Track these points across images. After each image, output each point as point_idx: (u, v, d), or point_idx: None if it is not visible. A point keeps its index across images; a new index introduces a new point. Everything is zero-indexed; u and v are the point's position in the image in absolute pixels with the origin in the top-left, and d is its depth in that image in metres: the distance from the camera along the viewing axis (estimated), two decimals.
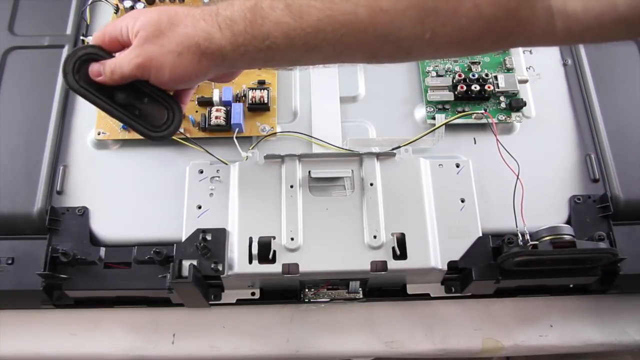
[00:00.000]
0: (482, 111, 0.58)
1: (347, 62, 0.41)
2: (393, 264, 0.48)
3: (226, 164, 0.53)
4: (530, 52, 0.63)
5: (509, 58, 0.61)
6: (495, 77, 0.59)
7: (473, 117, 0.58)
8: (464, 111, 0.58)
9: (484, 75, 0.58)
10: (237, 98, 0.58)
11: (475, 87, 0.58)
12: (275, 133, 0.57)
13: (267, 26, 0.37)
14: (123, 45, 0.42)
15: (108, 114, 0.44)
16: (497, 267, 0.48)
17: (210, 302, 0.52)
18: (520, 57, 0.62)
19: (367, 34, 0.36)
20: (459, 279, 0.52)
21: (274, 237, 0.49)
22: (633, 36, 0.31)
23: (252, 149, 0.56)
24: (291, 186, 0.51)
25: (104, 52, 0.43)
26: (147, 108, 0.44)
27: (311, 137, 0.57)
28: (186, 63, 0.39)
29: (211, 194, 0.52)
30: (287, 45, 0.38)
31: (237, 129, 0.56)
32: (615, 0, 0.28)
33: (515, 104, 0.58)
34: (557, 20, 0.31)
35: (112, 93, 0.43)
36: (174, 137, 0.54)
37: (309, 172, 0.52)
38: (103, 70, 0.42)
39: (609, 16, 0.28)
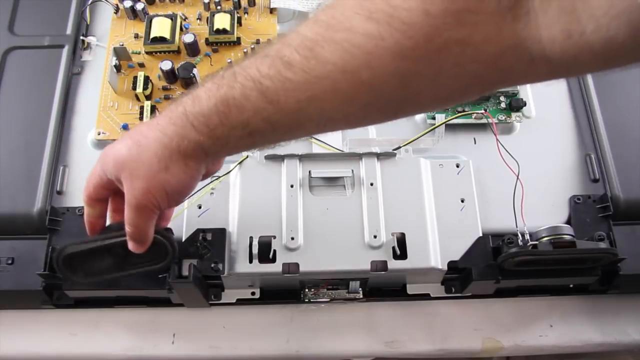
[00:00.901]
0: (482, 111, 0.58)
1: (331, 131, 0.40)
2: (393, 264, 0.48)
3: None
4: None
5: None
6: None
7: (473, 117, 0.58)
8: (464, 111, 0.58)
9: None
10: None
11: None
12: None
13: (245, 115, 0.35)
14: (108, 188, 0.41)
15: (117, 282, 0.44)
16: (497, 267, 0.48)
17: (210, 302, 0.52)
18: None
19: (351, 106, 0.34)
20: (459, 279, 0.52)
21: (274, 237, 0.49)
22: (609, 68, 0.31)
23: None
24: (291, 186, 0.51)
25: (76, 244, 0.43)
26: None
27: (312, 138, 0.57)
28: (176, 173, 0.38)
29: (211, 194, 0.52)
30: (270, 130, 0.36)
31: None
32: (590, 42, 0.28)
33: (515, 104, 0.58)
34: (538, 65, 0.31)
35: (111, 260, 0.43)
36: None
37: (310, 171, 0.52)
38: (131, 246, 0.41)
39: (586, 56, 0.29)
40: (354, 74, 0.32)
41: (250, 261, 0.48)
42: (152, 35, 0.60)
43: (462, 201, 0.51)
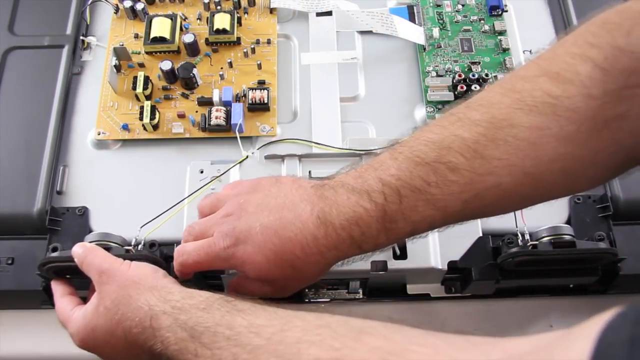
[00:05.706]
0: None
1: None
2: (393, 264, 0.48)
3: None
4: (530, 52, 0.63)
5: (509, 58, 0.61)
6: (495, 77, 0.59)
7: None
8: None
9: (484, 75, 0.58)
10: (237, 98, 0.58)
11: (475, 87, 0.58)
12: (278, 141, 0.57)
13: (411, 227, 0.36)
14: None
15: None
16: (497, 267, 0.48)
17: None
18: (520, 57, 0.62)
19: (510, 199, 0.35)
20: (459, 279, 0.52)
21: None
22: None
23: (258, 149, 0.56)
24: None
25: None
26: None
27: (311, 142, 0.56)
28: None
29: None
30: (428, 230, 0.37)
31: (237, 129, 0.56)
32: None
33: None
34: None
35: None
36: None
37: (309, 172, 0.52)
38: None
39: None
40: (519, 166, 0.33)
41: None
42: (152, 35, 0.60)
43: None
